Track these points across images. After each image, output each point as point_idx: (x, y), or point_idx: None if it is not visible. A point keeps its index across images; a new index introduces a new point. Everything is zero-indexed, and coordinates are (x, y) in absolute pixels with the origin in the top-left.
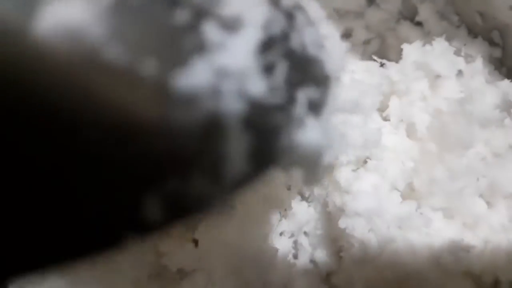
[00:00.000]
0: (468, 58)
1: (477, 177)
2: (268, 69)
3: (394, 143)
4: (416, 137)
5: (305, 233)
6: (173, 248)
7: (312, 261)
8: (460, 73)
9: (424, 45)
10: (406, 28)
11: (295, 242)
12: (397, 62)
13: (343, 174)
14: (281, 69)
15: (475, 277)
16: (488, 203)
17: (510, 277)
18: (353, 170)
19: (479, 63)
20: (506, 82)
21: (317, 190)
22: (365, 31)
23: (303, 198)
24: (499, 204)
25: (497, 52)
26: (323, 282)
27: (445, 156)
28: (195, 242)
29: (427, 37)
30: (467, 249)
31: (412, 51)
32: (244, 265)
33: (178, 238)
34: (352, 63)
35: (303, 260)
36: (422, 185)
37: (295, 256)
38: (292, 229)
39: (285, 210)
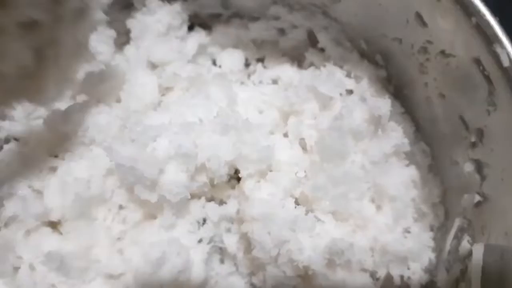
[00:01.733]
0: (358, 79)
1: (360, 183)
2: None
3: (290, 157)
4: (307, 151)
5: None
6: None
7: (235, 264)
8: (349, 93)
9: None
10: (310, 54)
11: (220, 248)
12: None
13: (247, 185)
14: None
15: (371, 272)
16: (377, 206)
17: (399, 271)
18: (257, 182)
19: (364, 84)
20: (374, 99)
21: (231, 200)
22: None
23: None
24: (385, 207)
25: (382, 73)
26: (247, 283)
27: (325, 166)
28: None
29: (328, 61)
30: (350, 245)
31: (305, 75)
32: None
33: None
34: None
35: (228, 264)
36: (311, 192)
37: (222, 261)
38: (210, 235)
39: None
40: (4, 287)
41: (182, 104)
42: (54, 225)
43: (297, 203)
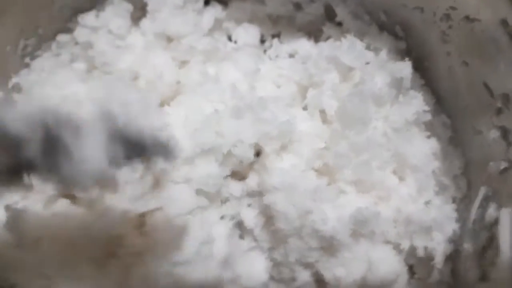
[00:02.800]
0: (377, 51)
1: (383, 151)
2: None
3: (311, 128)
4: (327, 121)
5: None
6: None
7: (255, 239)
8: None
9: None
10: (327, 28)
11: (238, 224)
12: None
13: (269, 158)
14: None
15: (394, 244)
16: (399, 177)
17: (423, 242)
18: (277, 154)
19: (383, 55)
20: (394, 64)
21: (252, 174)
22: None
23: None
24: (407, 177)
25: (402, 44)
26: (266, 257)
27: (347, 133)
28: None
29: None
30: (375, 215)
31: (325, 47)
32: None
33: None
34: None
35: (248, 239)
36: (333, 162)
37: (241, 237)
38: (231, 213)
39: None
40: None
41: (195, 94)
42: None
43: (319, 174)
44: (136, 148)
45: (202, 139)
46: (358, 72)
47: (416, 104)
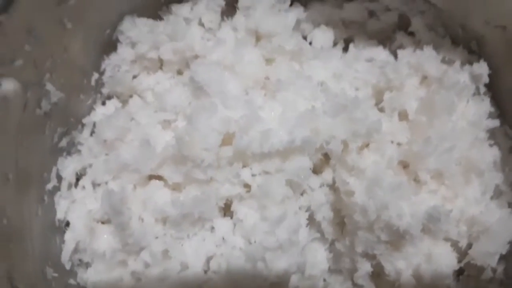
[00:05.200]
0: (451, 63)
1: (461, 143)
2: None
3: (391, 127)
4: (407, 119)
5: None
6: None
7: (320, 230)
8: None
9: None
10: (400, 36)
11: (310, 216)
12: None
13: (350, 155)
14: None
15: (453, 241)
16: (465, 179)
17: (483, 242)
18: (358, 152)
19: (457, 65)
20: (473, 65)
21: (326, 172)
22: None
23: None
24: (473, 181)
25: (475, 59)
26: (328, 249)
27: (434, 122)
28: None
29: (418, 45)
30: (446, 214)
31: (405, 54)
32: None
33: None
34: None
35: (313, 230)
36: (418, 151)
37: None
38: (307, 204)
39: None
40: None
41: (289, 90)
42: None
43: (398, 171)
44: None
45: (298, 134)
46: (436, 78)
47: (487, 104)
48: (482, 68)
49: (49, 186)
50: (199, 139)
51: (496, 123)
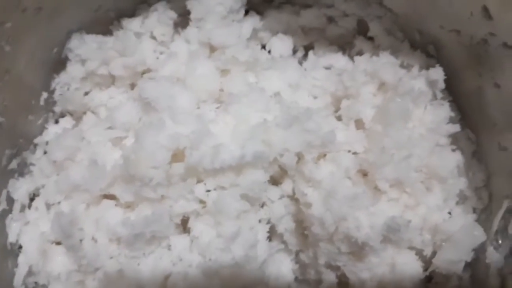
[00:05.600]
0: (409, 68)
1: (419, 150)
2: None
3: (347, 137)
4: (364, 128)
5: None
6: None
7: (283, 242)
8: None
9: (371, 56)
10: (359, 41)
11: (271, 228)
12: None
13: (307, 166)
14: None
15: (417, 250)
16: (426, 187)
17: (447, 250)
18: (315, 162)
19: (415, 71)
20: (429, 70)
21: (286, 183)
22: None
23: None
24: (434, 188)
25: (433, 63)
26: (293, 260)
27: (389, 130)
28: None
29: (377, 49)
30: (406, 223)
31: (362, 61)
32: None
33: None
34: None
35: (276, 241)
36: (374, 161)
37: (270, 239)
38: (268, 216)
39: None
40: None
41: (242, 103)
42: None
43: (356, 182)
44: None
45: (251, 148)
46: (392, 85)
47: (446, 109)
48: (438, 74)
49: None
50: (146, 157)
51: (457, 127)
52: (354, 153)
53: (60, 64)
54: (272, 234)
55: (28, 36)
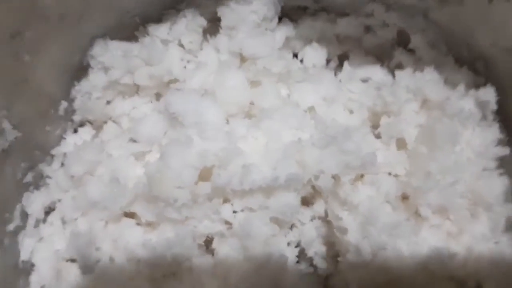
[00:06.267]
0: (454, 86)
1: (466, 176)
2: None
3: (387, 157)
4: (406, 148)
5: (308, 241)
6: None
7: (313, 265)
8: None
9: (414, 71)
10: (399, 53)
11: (300, 250)
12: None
13: (343, 188)
14: None
15: (458, 281)
16: (471, 214)
17: (491, 283)
18: (351, 184)
19: (461, 89)
20: (480, 90)
21: (318, 203)
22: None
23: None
24: (481, 215)
25: (481, 81)
26: (321, 284)
27: (436, 154)
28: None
29: (418, 63)
30: (451, 256)
31: (403, 76)
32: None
33: None
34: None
35: (305, 265)
36: (418, 186)
37: (298, 261)
38: (297, 239)
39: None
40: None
41: (274, 119)
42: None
43: (396, 207)
44: None
45: (283, 169)
46: (437, 104)
47: (495, 131)
48: (489, 94)
49: (11, 226)
50: (172, 176)
51: (506, 150)
52: (395, 176)
53: (81, 71)
54: (300, 257)
55: (49, 44)
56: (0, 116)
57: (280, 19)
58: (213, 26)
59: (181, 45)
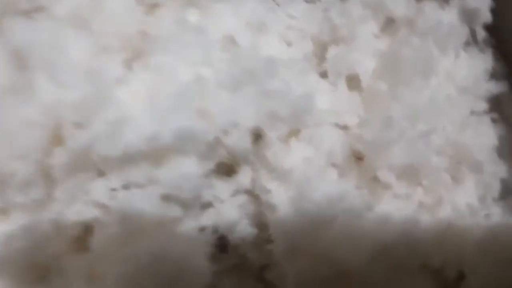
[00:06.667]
0: None
1: (446, 121)
2: None
3: (333, 103)
4: (360, 89)
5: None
6: None
7: (241, 255)
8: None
9: None
10: None
11: (220, 239)
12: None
13: (272, 148)
14: None
15: (434, 271)
16: (453, 177)
17: (478, 273)
18: (285, 142)
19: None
20: None
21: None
22: None
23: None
24: (466, 178)
25: None
26: (255, 278)
27: (401, 92)
28: None
29: None
30: (424, 237)
31: None
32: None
33: None
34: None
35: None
36: (374, 140)
37: (222, 251)
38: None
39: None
40: None
41: (168, 52)
42: None
43: (345, 169)
44: None
45: (176, 122)
46: (406, 20)
47: (488, 58)
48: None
49: None
50: (6, 140)
51: (502, 87)
52: (344, 128)
53: None
54: (226, 244)
55: None
56: None
57: None
58: None
59: None
